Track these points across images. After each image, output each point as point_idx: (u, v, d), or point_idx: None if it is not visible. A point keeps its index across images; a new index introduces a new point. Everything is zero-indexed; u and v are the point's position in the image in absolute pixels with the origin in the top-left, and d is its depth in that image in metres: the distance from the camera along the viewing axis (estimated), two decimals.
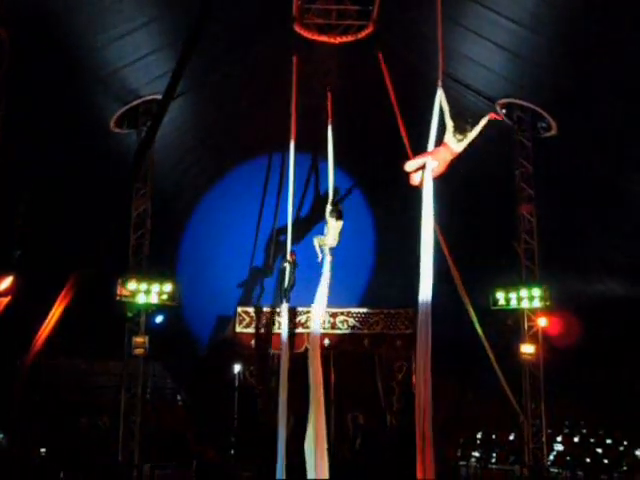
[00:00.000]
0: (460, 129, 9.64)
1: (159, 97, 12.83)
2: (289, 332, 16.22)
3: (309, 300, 15.22)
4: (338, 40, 15.67)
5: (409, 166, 9.93)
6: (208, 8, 7.60)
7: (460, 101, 15.60)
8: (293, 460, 14.48)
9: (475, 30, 14.12)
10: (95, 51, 13.56)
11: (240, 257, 19.90)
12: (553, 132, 15.90)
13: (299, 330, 18.07)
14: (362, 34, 15.54)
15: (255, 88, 17.11)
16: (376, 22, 15.21)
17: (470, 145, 9.75)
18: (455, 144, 9.64)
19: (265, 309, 18.61)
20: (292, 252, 15.65)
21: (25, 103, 12.81)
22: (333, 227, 14.65)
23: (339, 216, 14.73)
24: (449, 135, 9.66)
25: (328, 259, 14.54)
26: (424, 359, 9.33)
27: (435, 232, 10.10)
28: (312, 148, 18.17)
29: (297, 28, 15.47)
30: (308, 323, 17.82)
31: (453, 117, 9.71)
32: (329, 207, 14.88)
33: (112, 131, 15.85)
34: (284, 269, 15.65)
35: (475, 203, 18.21)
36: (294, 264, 15.60)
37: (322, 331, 15.68)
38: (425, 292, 9.33)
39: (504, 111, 16.27)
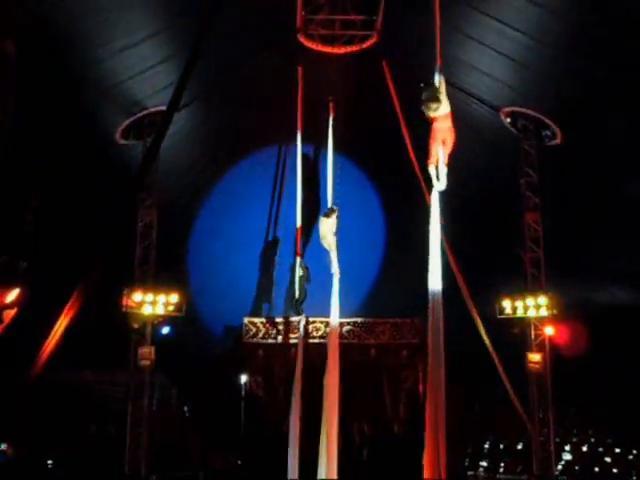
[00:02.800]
0: (432, 99, 9.56)
1: (164, 108, 12.88)
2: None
3: (317, 310, 15.36)
4: (342, 50, 15.73)
5: (432, 167, 9.88)
6: (212, 20, 7.63)
7: (464, 109, 15.63)
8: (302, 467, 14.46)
9: (479, 39, 14.15)
10: (101, 63, 13.65)
11: (247, 267, 19.90)
12: (558, 140, 15.88)
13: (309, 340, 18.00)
14: (366, 44, 15.60)
15: (260, 99, 17.15)
16: (380, 32, 15.26)
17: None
18: (434, 112, 9.54)
19: (272, 320, 18.58)
20: (306, 266, 15.94)
21: (32, 115, 12.86)
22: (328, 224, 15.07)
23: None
24: (432, 110, 9.57)
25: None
26: (437, 365, 9.32)
27: (442, 242, 10.15)
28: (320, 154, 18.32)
29: (301, 39, 15.54)
30: (315, 333, 17.82)
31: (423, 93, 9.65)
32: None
33: (118, 142, 15.91)
34: (294, 280, 15.80)
35: (481, 212, 18.20)
36: (307, 276, 15.78)
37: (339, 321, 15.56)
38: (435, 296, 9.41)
39: (508, 119, 16.28)
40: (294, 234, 16.41)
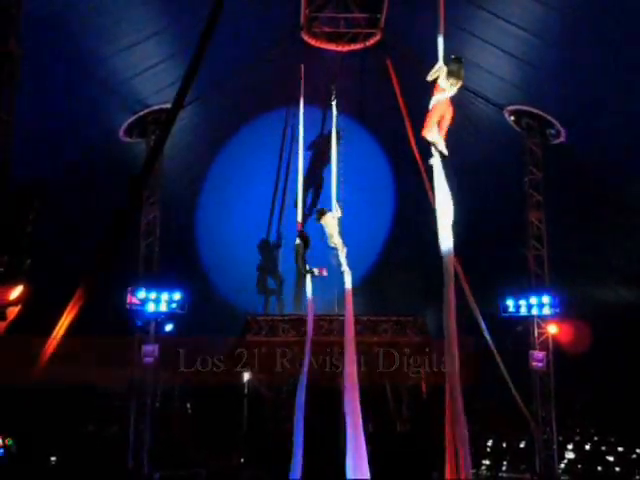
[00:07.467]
0: (454, 73, 9.16)
1: (168, 106, 12.90)
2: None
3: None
4: (346, 48, 15.73)
5: (429, 135, 9.27)
6: (217, 17, 7.63)
7: (469, 108, 15.62)
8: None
9: (484, 37, 14.13)
10: (104, 61, 13.66)
11: (250, 265, 19.91)
12: (562, 139, 15.87)
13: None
14: (370, 42, 15.59)
15: (263, 97, 17.16)
16: (384, 30, 15.25)
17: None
18: (449, 87, 9.15)
19: (275, 317, 18.58)
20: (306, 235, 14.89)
21: (36, 112, 12.89)
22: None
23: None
24: (442, 80, 9.18)
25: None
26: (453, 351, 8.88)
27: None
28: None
29: (305, 36, 15.53)
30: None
31: (446, 61, 9.26)
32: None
33: (121, 140, 15.92)
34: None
35: (484, 210, 18.17)
36: (306, 243, 14.89)
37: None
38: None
39: (512, 118, 16.25)
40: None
